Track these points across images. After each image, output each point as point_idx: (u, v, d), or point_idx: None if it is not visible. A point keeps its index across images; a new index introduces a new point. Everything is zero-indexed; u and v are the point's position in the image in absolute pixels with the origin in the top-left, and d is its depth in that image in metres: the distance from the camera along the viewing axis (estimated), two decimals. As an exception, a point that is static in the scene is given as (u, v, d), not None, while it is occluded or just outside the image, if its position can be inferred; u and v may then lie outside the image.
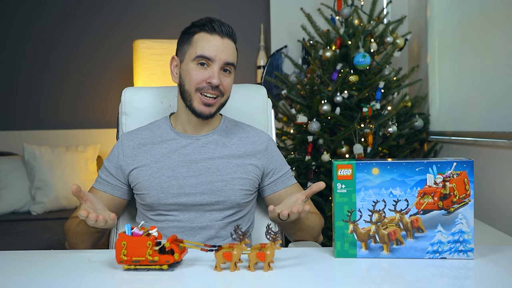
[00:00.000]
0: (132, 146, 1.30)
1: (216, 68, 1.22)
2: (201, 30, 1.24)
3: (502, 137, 1.79)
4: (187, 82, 1.24)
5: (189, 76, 1.24)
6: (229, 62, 1.24)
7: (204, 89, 1.23)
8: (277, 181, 1.33)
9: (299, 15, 2.66)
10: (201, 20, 1.25)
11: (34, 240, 2.27)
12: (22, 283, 0.86)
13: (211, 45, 1.22)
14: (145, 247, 0.89)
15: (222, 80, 1.24)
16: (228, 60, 1.23)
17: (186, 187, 1.25)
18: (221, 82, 1.23)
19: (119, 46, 3.38)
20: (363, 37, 2.39)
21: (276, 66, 3.01)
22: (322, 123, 2.40)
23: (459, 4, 2.31)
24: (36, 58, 3.43)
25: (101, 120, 3.39)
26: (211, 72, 1.22)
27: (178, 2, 3.40)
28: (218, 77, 1.22)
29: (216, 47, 1.22)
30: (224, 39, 1.24)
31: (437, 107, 2.58)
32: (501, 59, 1.86)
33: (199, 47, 1.22)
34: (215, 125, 1.34)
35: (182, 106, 1.29)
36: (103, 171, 1.31)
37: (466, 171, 0.93)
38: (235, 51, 1.28)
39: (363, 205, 0.95)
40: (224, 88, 1.25)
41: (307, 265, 0.94)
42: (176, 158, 1.28)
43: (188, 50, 1.25)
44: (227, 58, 1.23)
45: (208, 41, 1.22)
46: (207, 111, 1.25)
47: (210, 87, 1.22)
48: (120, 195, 1.30)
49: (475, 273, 0.89)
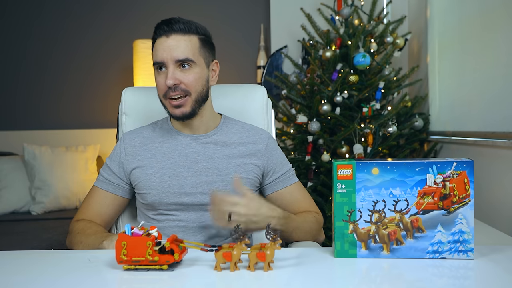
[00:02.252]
0: (134, 145, 1.30)
1: (171, 69, 1.20)
2: (155, 36, 1.23)
3: (502, 137, 1.79)
4: (157, 91, 1.26)
5: (156, 85, 1.25)
6: (180, 58, 1.20)
7: (168, 93, 1.22)
8: (278, 180, 1.33)
9: (299, 15, 2.66)
10: (156, 25, 1.23)
11: (34, 240, 2.27)
12: (22, 283, 0.86)
13: (160, 49, 1.21)
14: (145, 247, 0.89)
15: (181, 77, 1.21)
16: (178, 57, 1.20)
17: (186, 187, 1.25)
18: (180, 80, 1.21)
19: (119, 46, 3.38)
20: (363, 37, 2.39)
21: (276, 66, 3.01)
22: (322, 123, 2.40)
23: (459, 4, 2.31)
24: (36, 58, 3.43)
25: (101, 120, 3.39)
26: (164, 75, 1.21)
27: (178, 2, 3.40)
28: (171, 76, 1.19)
29: (164, 47, 1.20)
30: (171, 36, 1.20)
31: (437, 107, 2.58)
32: (501, 58, 1.86)
33: (153, 55, 1.23)
34: (215, 125, 1.34)
35: None
36: (105, 170, 1.31)
37: (466, 171, 0.93)
38: (195, 43, 1.22)
39: (363, 205, 0.95)
40: (186, 85, 1.21)
41: (307, 265, 0.94)
42: (176, 157, 1.28)
43: None
44: (177, 55, 1.19)
45: (158, 45, 1.22)
46: (179, 112, 1.23)
47: (171, 90, 1.21)
48: (122, 194, 1.31)
49: (475, 273, 0.89)
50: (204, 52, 1.25)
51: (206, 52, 1.26)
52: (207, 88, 1.28)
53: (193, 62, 1.22)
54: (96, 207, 1.29)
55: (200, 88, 1.24)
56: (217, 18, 3.33)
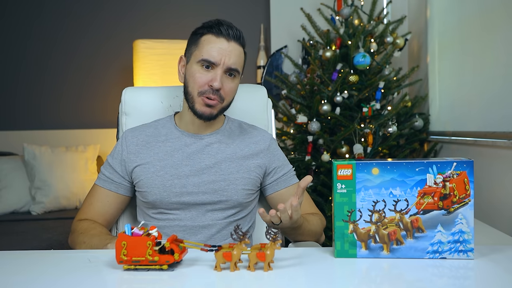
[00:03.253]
0: (136, 143, 1.30)
1: (220, 72, 1.21)
2: (208, 32, 1.23)
3: (502, 137, 1.79)
4: (191, 84, 1.24)
5: (192, 78, 1.23)
6: (232, 67, 1.23)
7: (206, 92, 1.22)
8: (279, 180, 1.33)
9: (299, 15, 2.66)
10: (210, 22, 1.24)
11: (34, 240, 2.27)
12: (22, 283, 0.86)
13: (216, 48, 1.21)
14: (145, 247, 0.89)
15: (224, 84, 1.23)
16: (232, 66, 1.22)
17: (188, 186, 1.25)
18: (223, 86, 1.22)
19: (119, 46, 3.38)
20: (363, 37, 2.39)
21: (276, 66, 3.01)
22: (322, 123, 2.40)
23: (459, 4, 2.31)
24: (36, 58, 3.43)
25: (101, 120, 3.39)
26: (213, 75, 1.21)
27: (178, 2, 3.40)
28: (220, 80, 1.21)
29: (221, 50, 1.21)
30: (231, 42, 1.22)
31: (437, 107, 2.58)
32: (501, 58, 1.86)
33: (204, 50, 1.22)
34: (218, 126, 1.34)
35: (186, 106, 1.30)
36: (107, 168, 1.30)
37: (466, 171, 0.93)
38: (242, 55, 1.26)
39: (363, 205, 0.95)
40: (225, 93, 1.24)
41: (307, 265, 0.94)
42: (179, 156, 1.28)
43: (194, 51, 1.25)
44: (231, 63, 1.22)
45: (214, 44, 1.22)
46: (208, 112, 1.24)
47: (211, 91, 1.22)
48: (124, 193, 1.30)
49: (475, 273, 0.89)
50: (243, 67, 1.29)
51: (243, 66, 1.30)
52: None
53: (238, 74, 1.26)
54: (98, 206, 1.29)
55: (231, 99, 1.29)
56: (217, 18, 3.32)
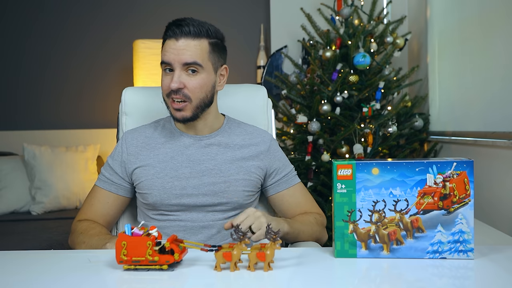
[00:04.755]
0: (136, 144, 1.30)
1: (178, 72, 1.19)
2: (165, 36, 1.22)
3: (502, 137, 1.79)
4: (162, 90, 1.25)
5: (161, 85, 1.25)
6: (188, 62, 1.18)
7: (171, 94, 1.21)
8: (280, 181, 1.33)
9: (299, 15, 2.66)
10: (167, 25, 1.22)
11: (34, 240, 2.27)
12: (22, 283, 0.86)
13: (169, 50, 1.20)
14: (145, 247, 0.89)
15: (186, 82, 1.19)
16: (186, 60, 1.18)
17: (188, 188, 1.24)
18: (185, 84, 1.20)
19: (119, 46, 3.38)
20: (363, 37, 2.39)
21: (276, 66, 3.01)
22: (322, 123, 2.40)
23: (459, 4, 2.31)
24: (36, 58, 3.43)
25: (101, 120, 3.39)
26: (170, 77, 1.20)
27: (178, 2, 3.40)
28: (177, 80, 1.18)
29: (173, 50, 1.19)
30: (181, 40, 1.18)
31: (437, 107, 2.58)
32: (501, 59, 1.86)
33: (162, 54, 1.22)
34: (218, 126, 1.33)
35: None
36: (107, 169, 1.30)
37: (466, 171, 0.93)
38: (204, 47, 1.20)
39: (363, 205, 0.95)
40: (190, 91, 1.20)
41: (307, 265, 0.94)
42: (179, 158, 1.27)
43: None
44: (185, 58, 1.18)
45: (167, 45, 1.21)
46: (180, 115, 1.22)
47: (173, 92, 1.20)
48: (124, 194, 1.30)
49: (475, 273, 0.89)
50: (213, 57, 1.23)
51: (215, 57, 1.24)
52: (212, 93, 1.26)
53: (200, 67, 1.20)
54: (98, 207, 1.28)
55: (203, 95, 1.23)
56: (217, 18, 3.32)
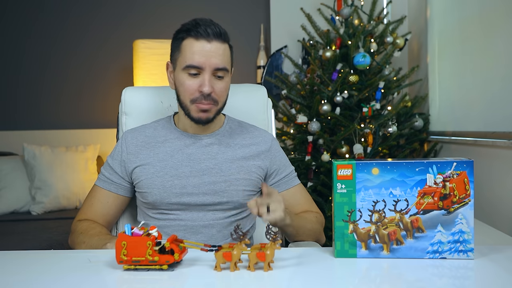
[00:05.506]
0: (136, 144, 1.30)
1: (207, 76, 1.19)
2: (188, 36, 1.20)
3: (502, 137, 1.79)
4: (182, 93, 1.23)
5: (182, 87, 1.22)
6: (219, 67, 1.19)
7: (198, 99, 1.20)
8: (281, 182, 1.33)
9: (299, 15, 2.66)
10: (188, 24, 1.21)
11: (34, 240, 2.27)
12: (22, 283, 0.86)
13: (198, 52, 1.18)
14: (145, 247, 0.89)
15: (215, 86, 1.20)
16: (218, 66, 1.19)
17: (188, 187, 1.24)
18: (213, 89, 1.20)
19: (119, 46, 3.38)
20: (363, 37, 2.39)
21: (276, 66, 3.01)
22: (322, 123, 2.40)
23: (459, 4, 2.31)
24: (36, 58, 3.43)
25: (101, 120, 3.39)
26: (202, 80, 1.19)
27: (178, 2, 3.40)
28: (209, 84, 1.18)
29: (204, 52, 1.18)
30: (212, 42, 1.19)
31: (437, 107, 2.58)
32: (501, 59, 1.86)
33: (187, 56, 1.19)
34: (218, 126, 1.33)
35: (181, 112, 1.28)
36: (107, 169, 1.30)
37: (466, 171, 0.93)
38: (228, 52, 1.23)
39: (363, 205, 0.95)
40: (217, 95, 1.21)
41: (307, 265, 0.94)
42: (179, 157, 1.27)
43: (178, 57, 1.22)
44: (217, 63, 1.19)
45: (195, 47, 1.18)
46: (205, 116, 1.23)
47: (203, 97, 1.19)
48: (124, 193, 1.30)
49: (475, 273, 0.89)
50: (232, 62, 1.26)
51: (232, 61, 1.26)
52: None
53: (227, 72, 1.22)
54: (98, 206, 1.29)
55: (225, 98, 1.26)
56: (217, 18, 3.27)
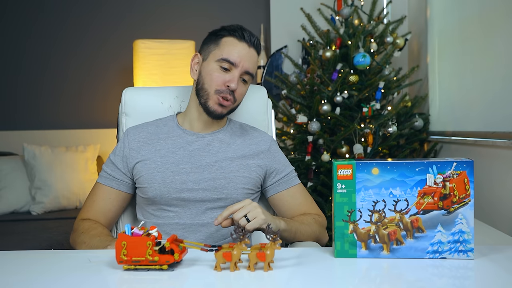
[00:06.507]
0: (138, 140, 1.32)
1: (237, 74, 1.26)
2: (231, 35, 1.27)
3: (502, 137, 1.79)
4: (207, 81, 1.27)
5: (210, 76, 1.27)
6: (249, 71, 1.28)
7: (223, 92, 1.26)
8: (280, 182, 1.34)
9: (299, 15, 2.66)
10: (232, 26, 1.29)
11: (34, 240, 2.27)
12: (22, 283, 0.86)
13: (238, 51, 1.26)
14: (145, 247, 0.89)
15: (238, 87, 1.28)
16: (249, 69, 1.27)
17: (189, 182, 1.26)
18: (237, 89, 1.27)
19: (119, 46, 3.38)
20: (363, 37, 2.39)
21: (276, 66, 3.01)
22: (322, 123, 2.40)
23: (459, 4, 2.31)
24: (36, 58, 3.43)
25: (101, 120, 3.39)
26: (231, 76, 1.26)
27: (178, 2, 3.40)
28: (237, 82, 1.26)
29: (242, 53, 1.26)
30: (251, 48, 1.28)
31: (437, 107, 2.58)
32: (501, 59, 1.86)
33: (225, 50, 1.26)
34: (221, 126, 1.37)
35: (194, 103, 1.32)
36: (109, 165, 1.31)
37: (466, 171, 0.93)
38: (256, 63, 1.32)
39: (363, 205, 0.95)
40: (238, 96, 1.29)
41: (307, 265, 0.94)
42: (180, 154, 1.29)
43: (214, 50, 1.28)
44: (248, 67, 1.27)
45: (235, 46, 1.26)
46: (220, 111, 1.28)
47: (228, 92, 1.26)
48: (126, 190, 1.31)
49: (475, 273, 0.89)
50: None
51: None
52: None
53: (251, 78, 1.31)
54: (101, 204, 1.29)
55: (240, 102, 1.34)
56: (217, 18, 3.32)
